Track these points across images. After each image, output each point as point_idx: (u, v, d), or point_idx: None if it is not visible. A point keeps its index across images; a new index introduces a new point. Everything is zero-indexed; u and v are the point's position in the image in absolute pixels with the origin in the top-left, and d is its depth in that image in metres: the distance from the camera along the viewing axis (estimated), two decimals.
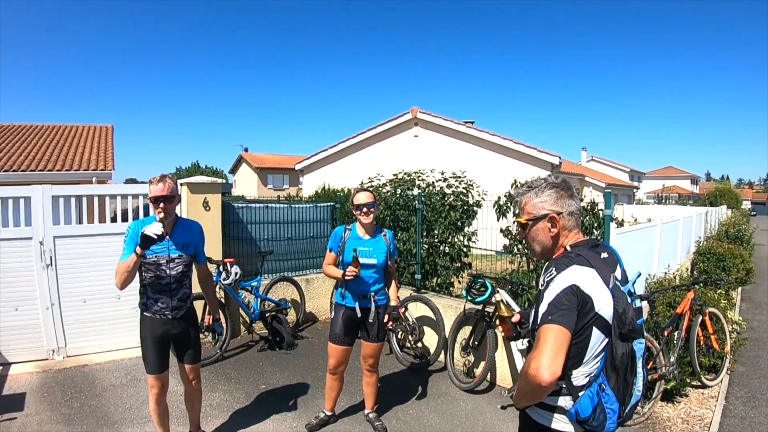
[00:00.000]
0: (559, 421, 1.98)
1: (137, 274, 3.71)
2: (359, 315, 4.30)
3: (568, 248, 2.06)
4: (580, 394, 1.89)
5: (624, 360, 1.94)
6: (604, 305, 1.88)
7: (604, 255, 2.03)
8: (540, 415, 2.03)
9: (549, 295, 1.89)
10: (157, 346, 3.75)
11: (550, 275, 1.93)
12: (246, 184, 42.54)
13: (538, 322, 1.88)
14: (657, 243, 7.16)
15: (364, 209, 4.19)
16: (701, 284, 5.99)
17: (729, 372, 5.96)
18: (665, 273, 6.72)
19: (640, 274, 4.20)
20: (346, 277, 4.12)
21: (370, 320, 4.32)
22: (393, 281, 4.53)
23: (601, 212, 5.72)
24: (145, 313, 3.80)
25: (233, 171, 43.54)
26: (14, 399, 5.13)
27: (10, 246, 5.96)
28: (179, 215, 4.00)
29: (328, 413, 4.64)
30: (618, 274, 2.02)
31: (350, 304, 4.31)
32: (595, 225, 5.83)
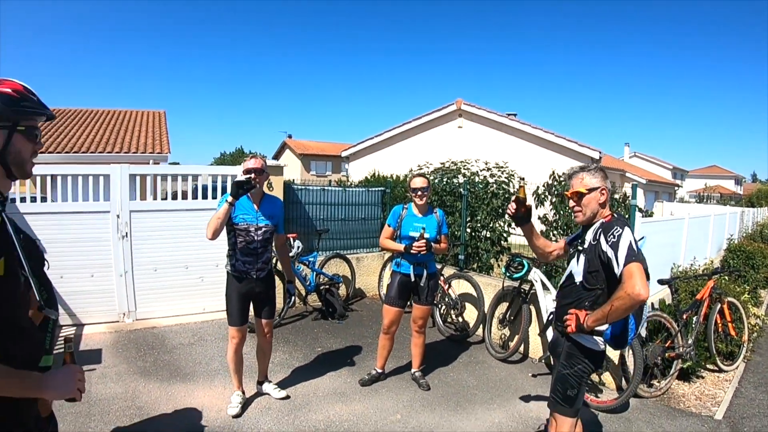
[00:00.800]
0: (598, 344, 2.93)
1: (228, 240, 4.37)
2: (413, 280, 4.92)
3: (615, 215, 2.95)
4: None
5: None
6: None
7: None
8: (588, 341, 2.93)
9: (623, 245, 2.71)
10: (241, 302, 4.37)
11: (617, 232, 2.79)
12: (289, 170, 42.02)
13: (625, 262, 2.67)
14: (684, 236, 7.47)
15: (419, 192, 4.84)
16: (720, 274, 6.39)
17: (746, 360, 6.32)
18: (691, 264, 7.11)
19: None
20: (413, 251, 4.71)
21: (422, 284, 4.95)
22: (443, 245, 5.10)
23: (627, 201, 6.25)
24: (232, 274, 4.38)
25: (276, 157, 43.51)
26: (92, 354, 5.61)
27: (89, 219, 6.57)
28: (271, 194, 4.65)
29: (379, 370, 5.27)
30: None
31: (405, 271, 4.93)
32: (625, 214, 6.36)
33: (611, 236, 2.78)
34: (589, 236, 2.98)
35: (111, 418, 4.25)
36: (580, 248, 3.03)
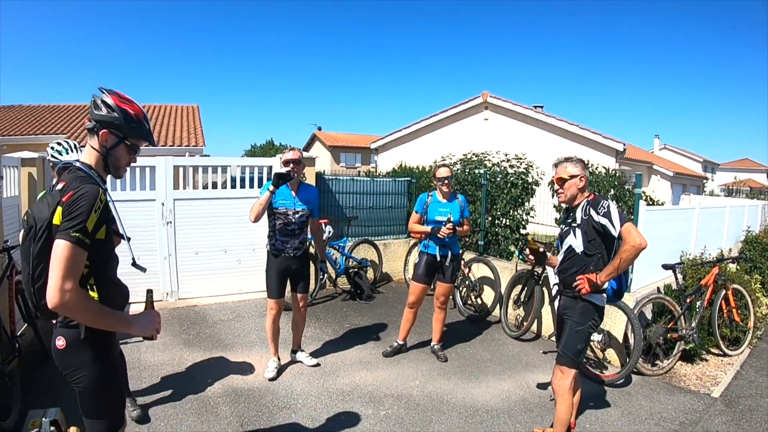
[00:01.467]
0: (603, 300, 3.63)
1: (269, 222, 4.93)
2: (438, 260, 5.42)
3: (597, 194, 3.64)
4: None
5: None
6: None
7: None
8: (597, 299, 3.58)
9: (614, 212, 3.40)
10: (279, 277, 4.95)
11: (606, 204, 3.44)
12: (319, 162, 41.95)
13: (621, 224, 3.34)
14: (694, 225, 7.68)
15: (445, 181, 5.37)
16: (724, 261, 6.68)
17: (752, 346, 6.61)
18: (701, 253, 7.39)
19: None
20: (440, 235, 5.24)
21: (447, 264, 5.45)
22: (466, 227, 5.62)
23: (629, 191, 6.66)
24: (272, 252, 4.95)
25: (306, 149, 43.52)
26: None
27: (137, 206, 7.11)
28: (307, 183, 5.19)
29: (401, 342, 5.79)
30: None
31: (432, 252, 5.43)
32: (629, 202, 6.81)
33: (601, 208, 3.44)
34: (578, 213, 3.59)
35: (160, 380, 4.84)
36: (574, 225, 3.63)
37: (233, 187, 7.98)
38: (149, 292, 2.51)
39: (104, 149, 2.24)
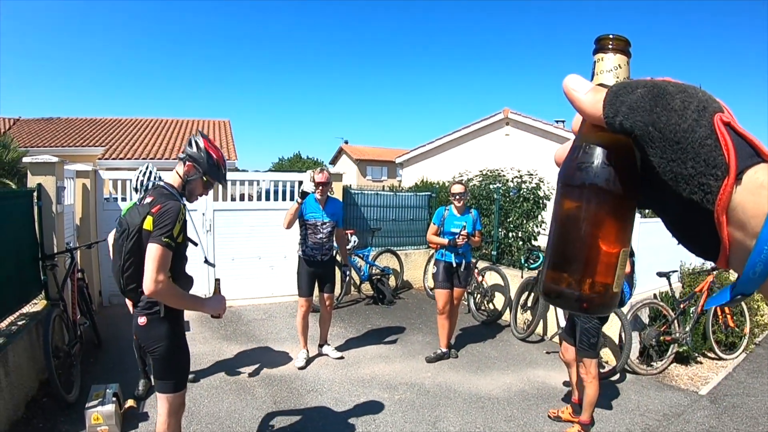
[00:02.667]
0: None
1: (300, 231, 5.65)
2: (453, 266, 6.00)
3: None
4: None
5: None
6: None
7: None
8: None
9: None
10: (308, 278, 5.66)
11: None
12: (346, 175, 41.48)
13: None
14: None
15: (458, 197, 5.96)
16: (719, 270, 7.09)
17: (748, 351, 6.99)
18: (702, 263, 7.80)
19: None
20: (457, 242, 5.81)
21: (461, 270, 6.04)
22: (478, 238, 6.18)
23: None
24: (303, 257, 5.66)
25: (333, 162, 44.00)
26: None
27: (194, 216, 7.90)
28: (333, 197, 5.90)
29: (444, 350, 6.25)
30: None
31: (448, 260, 6.02)
32: None
33: None
34: None
35: (202, 368, 5.54)
36: None
37: (267, 199, 8.73)
38: (217, 281, 3.32)
39: (186, 177, 2.95)
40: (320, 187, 5.49)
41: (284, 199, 8.62)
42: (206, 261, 3.23)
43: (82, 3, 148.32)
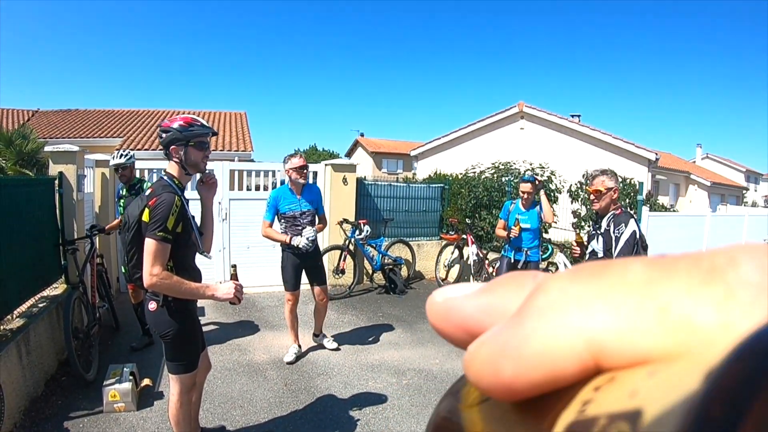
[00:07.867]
0: None
1: (280, 226, 5.44)
2: (512, 262, 6.14)
3: (623, 209, 4.25)
4: None
5: None
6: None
7: None
8: None
9: (622, 240, 3.95)
10: (294, 271, 5.49)
11: (622, 229, 3.99)
12: (361, 167, 40.80)
13: (616, 255, 3.87)
14: (705, 233, 8.14)
15: (526, 195, 6.07)
16: None
17: None
18: None
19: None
20: (512, 235, 5.95)
21: (518, 267, 6.12)
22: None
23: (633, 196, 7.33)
24: (286, 250, 5.46)
25: (349, 154, 43.45)
26: (197, 309, 7.22)
27: (198, 204, 8.04)
28: (310, 183, 5.79)
29: None
30: None
31: (507, 254, 6.19)
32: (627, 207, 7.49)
33: (617, 231, 4.03)
34: (604, 223, 4.24)
35: (215, 351, 5.70)
36: (599, 231, 4.29)
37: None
38: (234, 267, 3.43)
39: (179, 158, 3.02)
40: (303, 171, 5.28)
41: None
42: (201, 253, 3.28)
43: None
